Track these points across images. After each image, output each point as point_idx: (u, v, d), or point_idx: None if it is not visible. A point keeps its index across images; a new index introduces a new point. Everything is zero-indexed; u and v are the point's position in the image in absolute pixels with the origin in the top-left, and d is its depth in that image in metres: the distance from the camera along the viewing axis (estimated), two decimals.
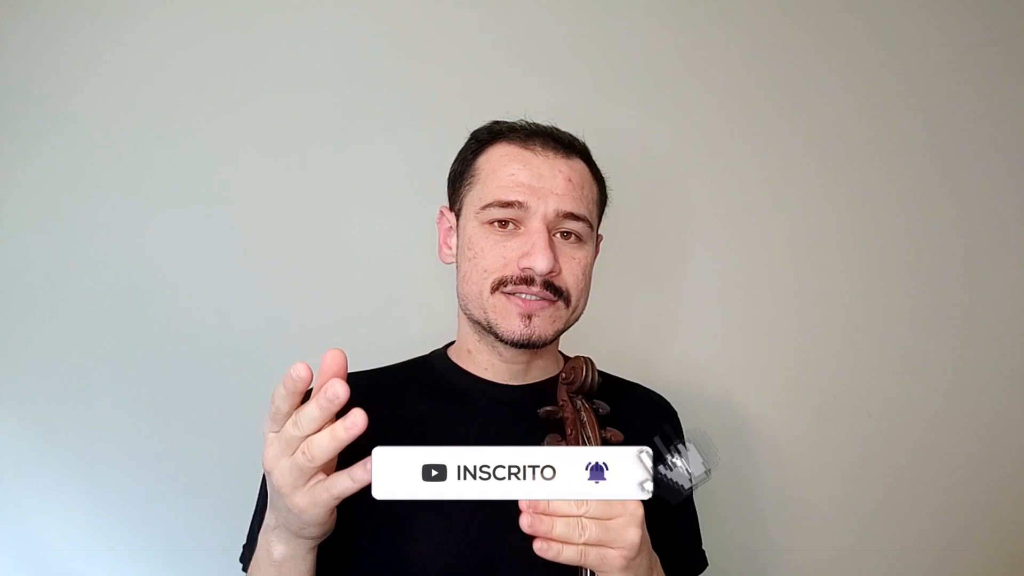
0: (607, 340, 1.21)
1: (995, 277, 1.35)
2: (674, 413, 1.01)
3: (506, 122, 0.90)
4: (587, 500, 0.64)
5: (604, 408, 0.81)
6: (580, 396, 0.81)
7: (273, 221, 1.25)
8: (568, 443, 0.76)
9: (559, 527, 0.63)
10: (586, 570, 0.68)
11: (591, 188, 0.89)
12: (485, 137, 0.90)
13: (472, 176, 0.89)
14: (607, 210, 0.97)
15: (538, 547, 0.63)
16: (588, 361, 0.82)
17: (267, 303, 1.25)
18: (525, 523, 0.63)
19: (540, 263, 0.81)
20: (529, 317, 0.83)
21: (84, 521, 1.21)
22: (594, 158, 0.93)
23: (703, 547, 1.00)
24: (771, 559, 1.30)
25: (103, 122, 1.23)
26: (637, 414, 0.96)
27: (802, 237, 1.33)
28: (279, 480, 0.62)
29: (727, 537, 0.99)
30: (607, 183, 0.96)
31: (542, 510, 0.64)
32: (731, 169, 1.33)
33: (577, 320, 0.90)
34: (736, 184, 1.33)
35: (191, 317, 1.23)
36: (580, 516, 0.64)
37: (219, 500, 1.19)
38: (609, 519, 0.65)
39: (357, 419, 0.58)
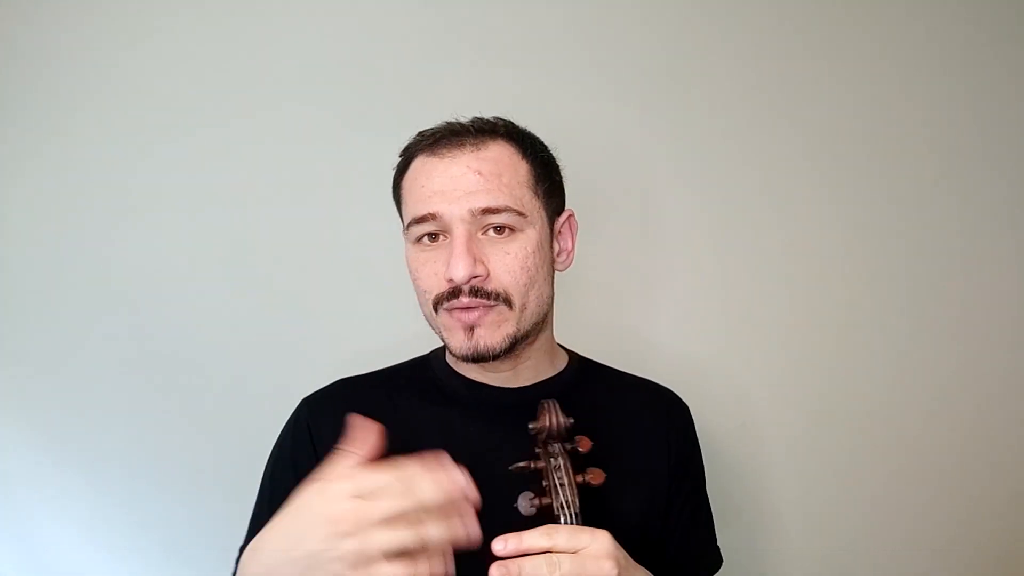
0: (604, 338, 1.19)
1: (992, 276, 1.32)
2: (685, 408, 0.98)
3: (426, 130, 0.86)
4: (560, 564, 0.63)
5: (585, 445, 0.75)
6: (555, 441, 0.78)
7: (274, 222, 1.24)
8: (544, 495, 0.74)
9: (526, 568, 0.63)
10: None
11: (513, 171, 0.82)
12: (404, 156, 0.87)
13: (400, 199, 0.87)
14: (601, 202, 0.94)
15: None
16: (552, 405, 0.76)
17: (267, 304, 1.24)
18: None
19: (456, 271, 0.78)
20: (471, 329, 0.80)
21: (84, 521, 1.22)
22: (582, 151, 0.90)
23: (718, 544, 0.97)
24: (768, 559, 1.31)
25: (103, 123, 1.22)
26: (644, 410, 0.94)
27: (801, 236, 1.30)
28: (355, 551, 0.58)
29: (725, 536, 1.00)
30: (603, 173, 0.93)
31: (512, 550, 0.64)
32: (733, 166, 1.29)
33: (539, 315, 0.85)
34: (736, 182, 1.29)
35: (191, 318, 1.23)
36: (549, 550, 0.64)
37: (218, 501, 1.20)
38: (577, 551, 0.65)
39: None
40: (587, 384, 0.94)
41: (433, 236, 0.82)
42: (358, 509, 0.59)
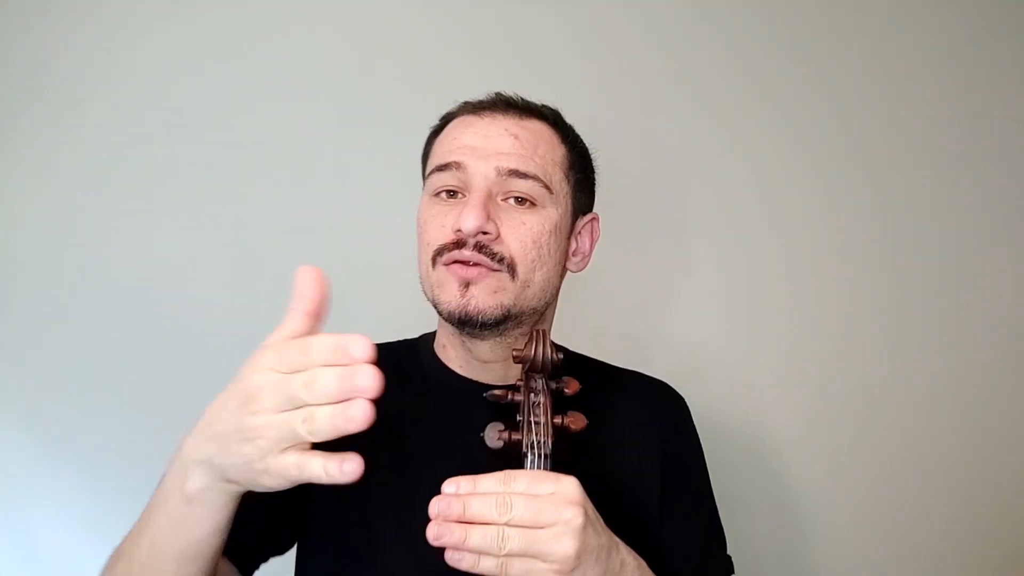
0: (609, 331, 1.20)
1: (991, 276, 1.31)
2: (680, 401, 0.91)
3: (474, 99, 0.83)
4: (512, 506, 0.56)
5: (572, 387, 0.69)
6: (540, 375, 0.70)
7: (274, 220, 1.23)
8: (515, 430, 0.67)
9: (474, 538, 0.55)
10: None
11: (550, 148, 0.78)
12: (443, 119, 0.84)
13: (427, 156, 0.84)
14: (610, 197, 0.92)
15: (449, 556, 0.56)
16: (539, 333, 0.69)
17: (270, 303, 1.21)
18: (432, 533, 0.55)
19: (466, 221, 0.72)
20: (467, 285, 0.74)
21: (83, 521, 1.19)
22: (594, 145, 0.86)
23: (728, 553, 0.87)
24: (767, 561, 1.26)
25: (103, 122, 1.22)
26: (636, 405, 0.87)
27: (806, 233, 1.30)
28: (260, 434, 0.50)
29: (730, 531, 0.92)
30: (611, 164, 0.89)
31: (456, 516, 0.56)
32: (737, 163, 1.29)
33: (540, 301, 0.79)
34: (740, 180, 1.29)
35: (193, 318, 1.22)
36: (502, 524, 0.56)
37: None
38: (539, 527, 0.56)
39: (358, 415, 0.48)
40: (578, 380, 0.87)
41: (452, 194, 0.77)
42: (277, 384, 0.51)
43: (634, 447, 0.84)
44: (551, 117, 0.82)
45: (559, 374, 0.70)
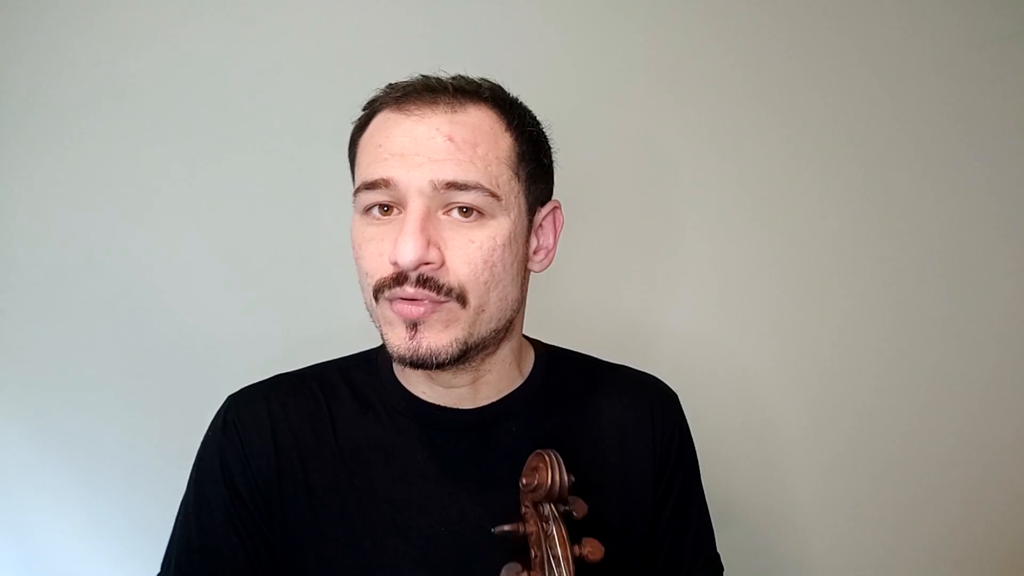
0: (606, 329, 1.19)
1: (991, 274, 1.32)
2: (672, 396, 0.86)
3: (398, 83, 0.71)
4: None
5: (581, 510, 0.64)
6: (548, 503, 0.66)
7: (275, 221, 1.22)
8: (533, 568, 0.65)
9: None
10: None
11: (492, 144, 0.67)
12: (367, 109, 0.72)
13: (353, 159, 0.72)
14: (606, 190, 0.93)
15: None
16: (553, 459, 0.62)
17: (271, 303, 1.22)
18: None
19: (403, 253, 0.63)
20: (415, 326, 0.66)
21: (83, 522, 1.19)
22: (585, 138, 0.87)
23: (717, 551, 0.86)
24: (769, 561, 1.29)
25: (100, 121, 1.19)
26: (625, 403, 0.82)
27: (809, 232, 1.29)
28: None
29: (728, 536, 0.96)
30: (604, 157, 0.89)
31: None
32: (733, 157, 1.27)
33: (499, 321, 0.70)
34: (736, 174, 1.27)
35: (191, 318, 1.20)
36: None
37: None
38: None
39: None
40: (558, 381, 0.82)
41: (386, 209, 0.67)
42: None
43: (625, 445, 0.80)
44: (491, 97, 0.70)
45: (566, 497, 0.66)
